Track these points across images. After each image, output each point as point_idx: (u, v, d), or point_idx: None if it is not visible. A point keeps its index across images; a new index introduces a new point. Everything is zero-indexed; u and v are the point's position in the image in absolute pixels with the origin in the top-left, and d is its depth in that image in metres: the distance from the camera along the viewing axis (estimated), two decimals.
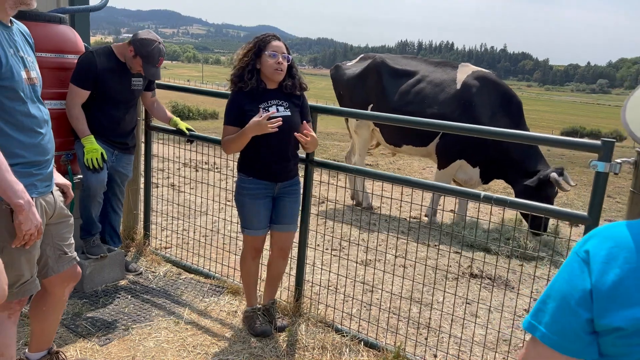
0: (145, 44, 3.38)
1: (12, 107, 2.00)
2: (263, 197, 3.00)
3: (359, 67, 6.65)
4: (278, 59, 2.87)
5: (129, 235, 4.34)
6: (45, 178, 2.15)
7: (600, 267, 0.93)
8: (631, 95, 1.15)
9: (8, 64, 1.96)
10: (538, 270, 4.58)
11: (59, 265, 2.29)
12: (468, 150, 5.91)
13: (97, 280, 3.64)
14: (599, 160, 2.32)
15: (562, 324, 0.96)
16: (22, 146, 2.04)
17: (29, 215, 1.92)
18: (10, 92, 1.98)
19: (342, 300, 3.71)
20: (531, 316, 1.03)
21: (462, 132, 2.92)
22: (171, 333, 3.15)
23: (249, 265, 3.18)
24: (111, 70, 3.42)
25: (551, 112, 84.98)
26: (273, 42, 2.90)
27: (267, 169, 2.96)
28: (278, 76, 2.91)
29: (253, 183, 2.97)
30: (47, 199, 2.16)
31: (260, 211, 3.00)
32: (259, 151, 2.93)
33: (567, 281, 0.98)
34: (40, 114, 2.12)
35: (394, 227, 5.68)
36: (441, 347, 3.16)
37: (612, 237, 0.95)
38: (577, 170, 13.69)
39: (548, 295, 1.01)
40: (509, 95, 6.07)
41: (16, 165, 1.98)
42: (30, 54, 2.17)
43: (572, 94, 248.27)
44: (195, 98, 30.17)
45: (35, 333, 2.44)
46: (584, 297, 0.94)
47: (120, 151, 3.66)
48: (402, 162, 12.69)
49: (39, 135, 2.10)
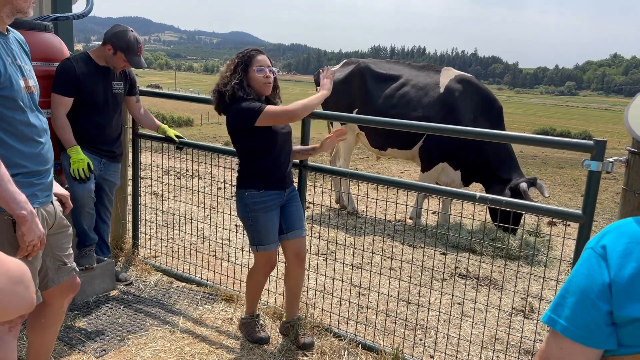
0: (121, 36, 3.38)
1: (12, 116, 1.97)
2: (275, 208, 2.98)
3: (343, 72, 6.70)
4: (266, 73, 2.89)
5: (118, 245, 4.28)
6: (46, 188, 2.11)
7: (618, 261, 0.98)
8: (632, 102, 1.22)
9: (7, 73, 1.93)
10: (523, 269, 4.67)
11: (59, 276, 2.25)
12: (450, 153, 6.01)
13: (88, 291, 3.57)
14: (591, 159, 2.38)
15: (582, 317, 1.01)
16: (23, 156, 2.01)
17: (32, 226, 1.89)
18: (10, 101, 1.95)
19: (336, 303, 3.72)
20: (551, 310, 1.07)
21: (458, 134, 2.98)
22: (168, 342, 3.11)
23: (260, 280, 3.15)
24: (90, 74, 3.39)
25: (522, 114, 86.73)
26: (258, 56, 2.91)
27: (281, 177, 2.96)
28: (267, 89, 2.93)
29: (266, 195, 2.93)
30: (47, 208, 2.13)
31: (274, 223, 2.99)
32: (278, 161, 2.93)
33: (586, 276, 1.02)
34: (39, 122, 2.09)
35: (380, 230, 5.73)
36: (437, 348, 3.20)
37: (627, 233, 1.01)
38: (550, 170, 14.01)
39: (567, 290, 1.05)
40: (491, 100, 6.19)
41: (17, 175, 1.94)
42: (27, 62, 2.14)
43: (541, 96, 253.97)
44: (169, 105, 29.81)
45: (34, 346, 2.39)
46: (603, 290, 0.98)
47: (108, 159, 3.61)
48: (380, 165, 12.79)
49: (39, 145, 2.07)
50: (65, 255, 2.28)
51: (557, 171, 14.06)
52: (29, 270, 0.96)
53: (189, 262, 4.13)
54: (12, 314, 0.93)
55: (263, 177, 2.92)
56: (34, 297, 0.97)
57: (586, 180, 2.46)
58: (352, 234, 5.40)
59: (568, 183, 11.43)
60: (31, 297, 0.96)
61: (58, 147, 3.40)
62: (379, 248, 5.12)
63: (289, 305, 3.25)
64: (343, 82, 6.61)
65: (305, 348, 3.09)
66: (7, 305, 0.90)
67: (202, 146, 3.86)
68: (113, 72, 3.53)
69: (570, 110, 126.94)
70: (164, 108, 32.53)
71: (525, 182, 5.61)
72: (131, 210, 4.33)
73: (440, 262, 4.82)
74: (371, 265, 4.40)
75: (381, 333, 3.35)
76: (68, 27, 4.20)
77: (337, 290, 3.90)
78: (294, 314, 3.24)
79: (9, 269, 0.90)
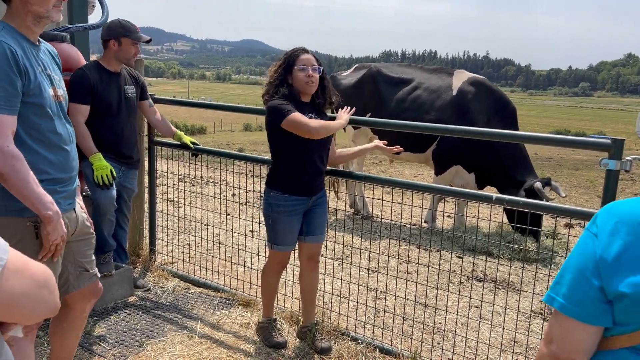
0: (113, 26, 3.47)
1: (39, 123, 2.03)
2: (298, 214, 2.98)
3: (354, 77, 6.71)
4: (308, 72, 2.88)
5: (135, 252, 4.32)
6: (69, 195, 2.16)
7: (606, 240, 1.04)
8: None
9: (36, 80, 1.99)
10: (541, 271, 4.62)
11: (80, 282, 2.29)
12: (464, 155, 5.98)
13: (107, 297, 3.61)
14: (609, 158, 2.36)
15: (578, 294, 1.06)
16: (48, 163, 2.06)
17: (57, 226, 1.95)
18: (39, 108, 2.01)
19: (353, 307, 3.71)
20: (550, 289, 1.12)
21: (472, 135, 2.97)
22: (186, 347, 3.13)
23: (273, 279, 3.18)
24: (103, 81, 3.46)
25: (535, 116, 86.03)
26: (302, 55, 2.92)
27: (308, 185, 2.95)
28: (310, 89, 2.91)
29: (289, 200, 2.93)
30: (69, 215, 2.16)
31: (295, 227, 3.00)
32: (304, 167, 2.91)
33: (581, 254, 1.08)
34: (66, 131, 2.15)
35: (395, 235, 5.71)
36: (456, 351, 3.18)
37: (617, 214, 1.06)
38: (565, 172, 13.86)
39: (565, 269, 1.10)
40: (504, 102, 6.16)
41: (42, 182, 1.99)
42: (58, 72, 2.21)
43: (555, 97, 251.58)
44: (182, 114, 30.09)
45: (55, 351, 2.42)
46: (595, 266, 1.04)
47: (127, 167, 3.67)
48: (394, 170, 12.77)
49: (64, 152, 2.13)
50: (87, 262, 2.32)
51: (573, 173, 13.92)
52: (53, 275, 0.98)
53: (206, 268, 4.15)
54: (37, 318, 0.95)
55: (288, 179, 2.92)
56: (58, 302, 0.99)
57: (604, 179, 2.44)
58: (367, 238, 5.39)
59: (584, 185, 11.31)
60: (55, 301, 0.97)
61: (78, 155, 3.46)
62: (394, 252, 5.11)
63: (305, 309, 3.26)
64: (355, 86, 6.62)
65: (322, 353, 3.09)
66: (33, 309, 0.92)
67: (216, 152, 3.90)
68: (124, 76, 3.59)
69: (585, 112, 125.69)
70: (177, 116, 32.78)
71: (539, 181, 5.57)
72: (148, 217, 4.37)
73: (456, 265, 4.79)
74: (387, 269, 4.39)
75: (399, 337, 3.34)
76: (84, 38, 4.27)
77: (354, 294, 3.90)
78: (310, 318, 3.24)
79: (34, 274, 0.92)
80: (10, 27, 2.01)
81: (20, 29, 2.02)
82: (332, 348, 3.13)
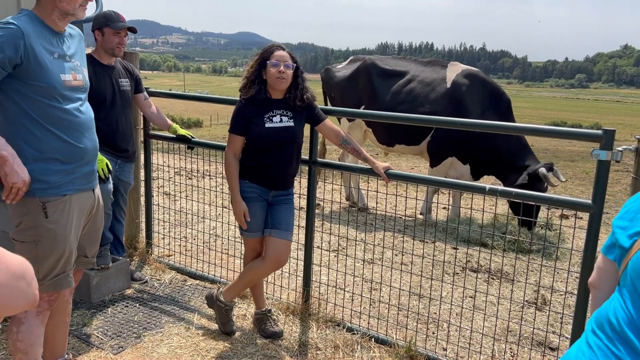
0: (97, 17, 3.48)
1: (46, 106, 2.12)
2: (258, 200, 3.04)
3: (349, 69, 6.71)
4: (280, 68, 2.91)
5: (132, 245, 4.34)
6: (84, 176, 2.28)
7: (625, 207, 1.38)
8: None
9: (43, 63, 2.07)
10: (534, 261, 4.67)
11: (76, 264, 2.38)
12: (459, 147, 6.01)
13: (104, 290, 3.63)
14: (600, 149, 2.39)
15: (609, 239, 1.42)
16: (56, 144, 2.15)
17: (13, 166, 2.00)
18: (44, 90, 2.10)
19: (349, 298, 3.75)
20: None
21: (467, 127, 2.99)
22: (183, 339, 3.16)
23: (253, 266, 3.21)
24: (97, 73, 3.47)
25: (532, 107, 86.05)
26: (276, 52, 2.96)
27: (265, 176, 3.02)
28: (280, 84, 2.94)
29: (247, 186, 3.03)
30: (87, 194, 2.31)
31: (257, 215, 3.04)
32: (260, 159, 2.99)
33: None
34: (82, 116, 2.25)
35: (391, 226, 5.75)
36: (450, 340, 3.22)
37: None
38: (561, 164, 13.91)
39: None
40: (499, 93, 6.18)
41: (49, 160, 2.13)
42: (79, 58, 2.29)
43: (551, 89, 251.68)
44: (178, 107, 29.98)
45: (47, 339, 2.46)
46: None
47: (123, 160, 3.68)
48: (389, 162, 12.79)
49: (76, 136, 2.21)
50: (88, 249, 2.46)
51: (569, 164, 13.96)
52: (31, 267, 0.94)
53: (202, 260, 4.18)
54: (14, 310, 0.92)
55: (249, 171, 3.04)
56: (37, 294, 0.94)
57: (596, 169, 2.47)
58: (362, 230, 5.42)
59: (580, 176, 11.36)
60: (34, 293, 0.94)
61: None
62: (389, 243, 5.14)
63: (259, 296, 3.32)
64: (349, 79, 6.63)
65: (272, 337, 3.19)
66: (9, 300, 0.89)
67: (213, 145, 3.91)
68: (118, 69, 3.59)
69: (581, 103, 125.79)
70: (173, 110, 32.68)
71: (543, 167, 5.60)
72: (144, 210, 4.39)
73: (451, 256, 4.83)
74: (382, 260, 4.42)
75: (394, 327, 3.37)
76: None
77: (349, 285, 3.94)
78: (264, 305, 3.33)
79: (10, 265, 0.90)
80: (35, 16, 2.11)
81: (45, 21, 2.12)
82: (282, 332, 3.21)
